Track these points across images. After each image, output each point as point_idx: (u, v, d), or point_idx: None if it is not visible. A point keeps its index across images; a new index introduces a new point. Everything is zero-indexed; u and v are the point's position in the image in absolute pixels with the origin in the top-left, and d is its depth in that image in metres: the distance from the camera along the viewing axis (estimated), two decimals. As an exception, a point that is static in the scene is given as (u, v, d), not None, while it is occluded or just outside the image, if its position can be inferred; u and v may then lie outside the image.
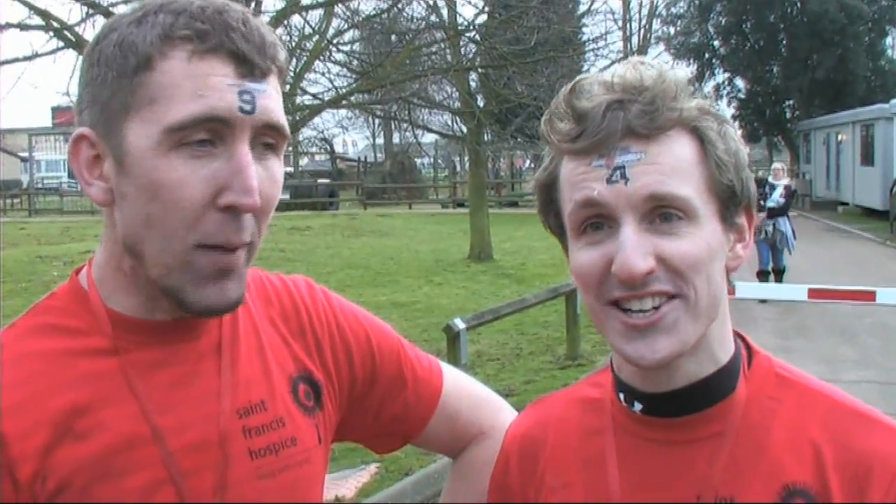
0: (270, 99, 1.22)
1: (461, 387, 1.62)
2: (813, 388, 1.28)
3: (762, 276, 14.83)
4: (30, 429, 1.17)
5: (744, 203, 1.24)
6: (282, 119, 1.24)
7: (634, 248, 1.15)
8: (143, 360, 1.26)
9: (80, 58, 1.26)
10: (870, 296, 7.47)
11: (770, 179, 15.57)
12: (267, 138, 1.23)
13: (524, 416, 1.50)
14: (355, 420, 1.50)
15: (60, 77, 10.21)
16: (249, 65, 1.20)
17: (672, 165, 1.17)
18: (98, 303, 1.27)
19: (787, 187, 15.28)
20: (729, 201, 1.21)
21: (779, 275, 15.06)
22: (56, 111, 51.98)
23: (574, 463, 1.35)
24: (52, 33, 10.17)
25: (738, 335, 1.32)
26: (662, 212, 1.16)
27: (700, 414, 1.25)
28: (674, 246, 1.16)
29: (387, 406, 1.52)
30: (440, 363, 1.63)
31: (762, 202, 14.10)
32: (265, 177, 1.22)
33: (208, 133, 1.17)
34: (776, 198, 14.96)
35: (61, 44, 10.26)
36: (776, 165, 16.75)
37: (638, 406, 1.28)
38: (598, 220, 1.19)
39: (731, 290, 1.29)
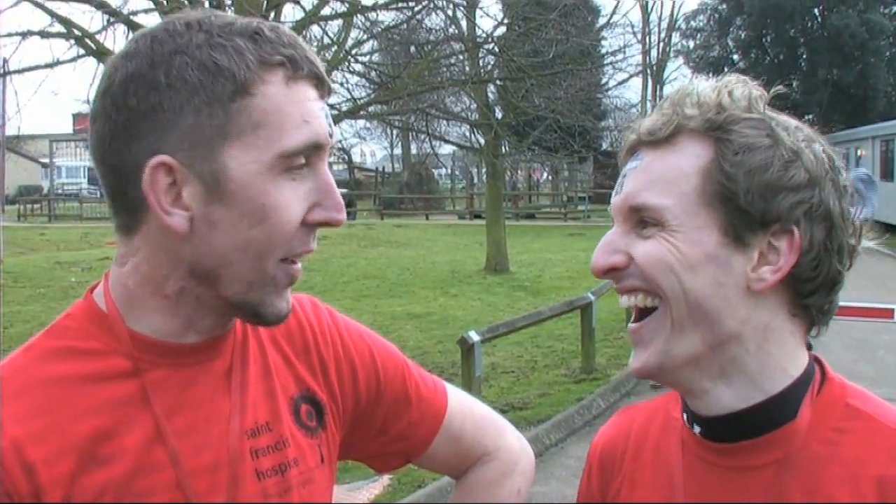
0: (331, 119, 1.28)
1: (466, 407, 1.62)
2: (882, 422, 1.22)
3: None
4: (56, 456, 1.17)
5: (772, 224, 1.18)
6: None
7: (601, 246, 1.25)
8: (163, 382, 1.26)
9: (118, 79, 1.19)
10: (888, 313, 7.43)
11: None
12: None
13: (609, 426, 1.52)
14: (358, 438, 1.51)
15: (81, 84, 10.25)
16: (324, 87, 1.26)
17: (659, 173, 1.22)
18: (120, 325, 1.26)
19: None
20: (734, 216, 1.18)
21: None
22: (77, 118, 52.29)
23: (647, 480, 1.37)
24: (73, 41, 10.22)
25: (816, 361, 1.29)
26: (641, 217, 1.22)
27: (755, 441, 1.23)
28: (641, 246, 1.21)
29: (390, 425, 1.52)
30: (445, 384, 1.62)
31: None
32: None
33: (305, 157, 1.21)
34: None
35: (82, 51, 10.31)
36: None
37: (697, 428, 1.29)
38: None
39: None
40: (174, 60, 1.17)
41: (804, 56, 46.88)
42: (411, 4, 12.33)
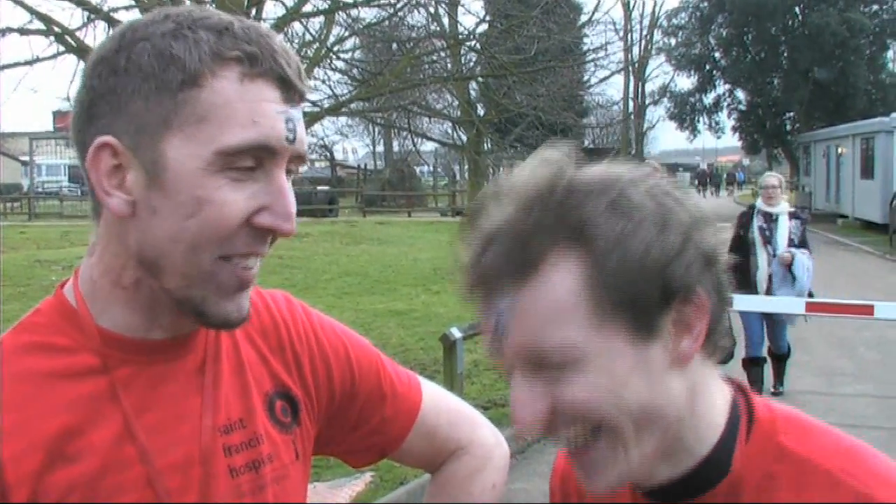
0: (303, 127, 1.24)
1: (440, 402, 1.62)
2: (814, 463, 1.13)
3: (751, 364, 9.31)
4: (23, 453, 1.16)
5: (673, 299, 1.08)
6: (306, 148, 1.26)
7: (516, 405, 1.11)
8: (132, 379, 1.25)
9: (90, 61, 1.22)
10: (868, 310, 7.45)
11: (761, 204, 9.47)
12: (292, 165, 1.24)
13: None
14: (333, 434, 1.50)
15: (61, 82, 10.20)
16: (292, 90, 1.22)
17: (544, 311, 1.07)
18: (88, 320, 1.25)
19: (794, 214, 9.54)
20: (637, 312, 1.07)
21: (779, 361, 9.79)
22: (57, 115, 51.99)
23: None
24: (52, 38, 10.18)
25: (741, 400, 1.21)
26: (542, 359, 1.08)
27: (694, 500, 1.17)
28: (564, 394, 1.08)
29: (365, 420, 1.52)
30: (419, 378, 1.63)
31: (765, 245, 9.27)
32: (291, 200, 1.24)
33: (254, 160, 1.18)
34: (784, 234, 9.28)
35: (62, 48, 10.26)
36: (769, 180, 9.71)
37: (638, 490, 1.22)
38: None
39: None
40: (136, 46, 1.18)
41: (785, 54, 47.10)
42: (393, 1, 12.32)
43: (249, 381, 1.37)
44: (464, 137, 22.43)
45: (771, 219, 9.37)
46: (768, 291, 9.15)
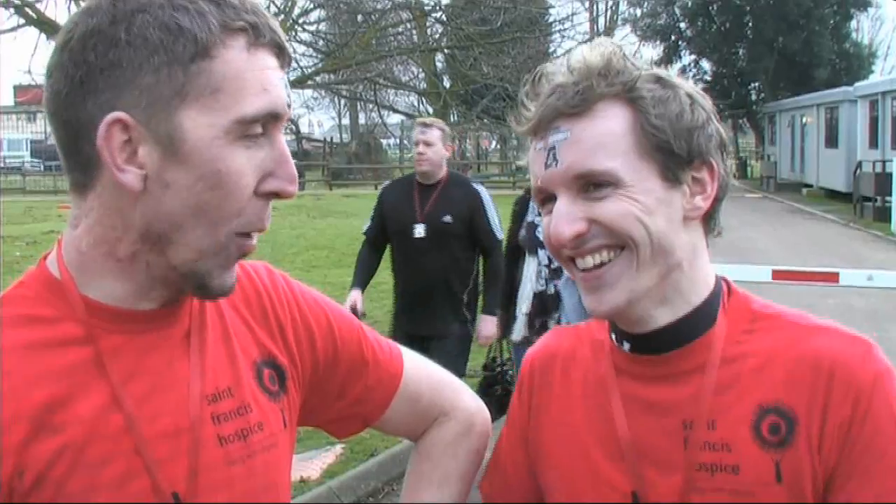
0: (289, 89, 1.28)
1: (421, 369, 1.65)
2: (785, 318, 1.40)
3: None
4: (8, 424, 1.16)
5: (694, 160, 1.35)
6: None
7: (561, 217, 1.33)
8: (119, 349, 1.25)
9: (78, 34, 1.18)
10: (833, 277, 7.49)
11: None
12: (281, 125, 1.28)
13: (539, 342, 1.63)
14: (317, 403, 1.51)
15: (22, 55, 10.07)
16: (284, 57, 1.26)
17: (596, 141, 1.32)
18: (73, 291, 1.25)
19: None
20: (669, 161, 1.33)
21: None
22: (18, 89, 51.37)
23: (578, 400, 1.49)
24: (12, 10, 10.04)
25: (722, 279, 1.45)
26: (591, 182, 1.32)
27: (681, 350, 1.39)
28: (602, 208, 1.32)
29: (348, 390, 1.54)
30: (400, 347, 1.65)
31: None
32: None
33: (262, 127, 1.22)
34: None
35: (22, 21, 10.13)
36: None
37: (626, 345, 1.43)
38: (548, 196, 1.37)
39: None
40: (136, 18, 1.16)
41: (750, 24, 47.25)
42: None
43: (236, 350, 1.37)
44: (430, 109, 22.33)
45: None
46: (533, 320, 6.06)
